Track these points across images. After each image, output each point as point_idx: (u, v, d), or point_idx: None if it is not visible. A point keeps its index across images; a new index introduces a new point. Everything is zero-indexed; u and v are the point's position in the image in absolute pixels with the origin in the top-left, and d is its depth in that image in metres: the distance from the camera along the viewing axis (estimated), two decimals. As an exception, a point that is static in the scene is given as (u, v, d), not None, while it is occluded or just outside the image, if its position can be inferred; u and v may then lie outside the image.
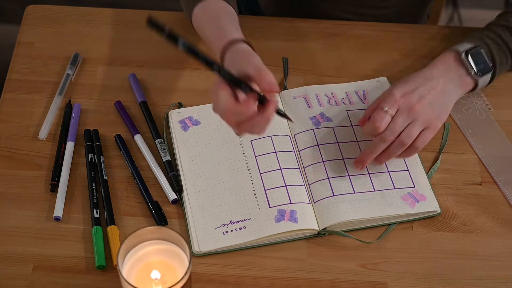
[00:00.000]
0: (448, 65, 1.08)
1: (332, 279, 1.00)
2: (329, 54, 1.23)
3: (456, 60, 1.08)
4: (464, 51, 1.08)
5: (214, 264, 1.00)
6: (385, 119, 1.01)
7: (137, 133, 1.11)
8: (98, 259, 0.99)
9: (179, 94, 1.17)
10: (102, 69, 1.20)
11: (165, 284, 0.89)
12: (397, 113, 1.02)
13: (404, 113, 1.02)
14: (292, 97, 1.16)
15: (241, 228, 1.02)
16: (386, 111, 1.01)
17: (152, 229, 0.91)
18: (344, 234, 1.02)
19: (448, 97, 1.05)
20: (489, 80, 1.10)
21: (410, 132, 1.01)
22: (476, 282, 1.00)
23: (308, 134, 1.11)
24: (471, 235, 1.04)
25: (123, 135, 1.11)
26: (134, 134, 1.11)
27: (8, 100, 1.16)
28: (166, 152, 1.09)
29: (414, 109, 1.02)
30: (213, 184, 1.07)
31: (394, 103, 1.02)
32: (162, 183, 1.06)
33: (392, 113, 1.01)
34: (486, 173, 1.10)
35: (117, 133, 1.11)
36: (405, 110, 1.02)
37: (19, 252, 1.00)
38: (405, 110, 1.02)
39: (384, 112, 1.01)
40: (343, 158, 1.09)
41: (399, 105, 1.02)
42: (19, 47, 1.22)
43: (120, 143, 1.10)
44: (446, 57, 1.09)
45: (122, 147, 1.10)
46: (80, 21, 1.26)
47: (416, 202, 1.05)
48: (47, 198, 1.06)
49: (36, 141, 1.11)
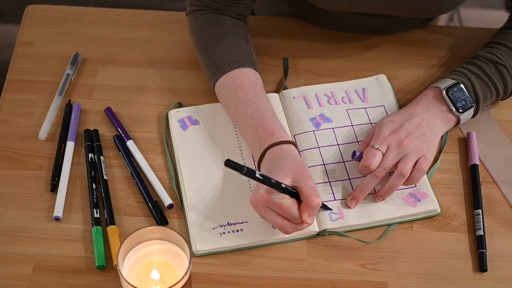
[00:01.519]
0: (430, 102, 1.10)
1: (332, 279, 1.00)
2: (329, 54, 1.23)
3: (437, 97, 1.10)
4: (444, 88, 1.09)
5: (214, 264, 1.00)
6: (376, 156, 1.04)
7: (129, 139, 1.11)
8: (98, 259, 0.99)
9: (179, 94, 1.17)
10: (102, 69, 1.20)
11: (165, 284, 0.89)
12: (388, 150, 1.05)
13: (394, 149, 1.04)
14: (292, 97, 1.16)
15: (238, 230, 1.02)
16: (377, 148, 1.04)
17: (152, 229, 0.91)
18: (344, 234, 1.02)
19: (434, 131, 1.07)
20: (473, 115, 1.12)
21: (405, 162, 1.03)
22: (476, 282, 1.00)
23: (309, 136, 1.11)
24: (471, 235, 1.04)
25: (123, 135, 1.12)
26: (126, 140, 1.11)
27: (8, 100, 1.16)
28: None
29: (403, 145, 1.04)
30: (210, 184, 1.06)
31: (384, 141, 1.05)
32: (157, 189, 1.06)
33: (383, 150, 1.04)
34: (486, 173, 1.10)
35: (116, 134, 1.11)
36: (395, 146, 1.04)
37: (19, 252, 1.00)
38: (394, 146, 1.04)
39: (375, 150, 1.04)
40: (344, 161, 1.09)
41: (388, 142, 1.05)
42: (19, 47, 1.22)
43: (118, 143, 1.10)
44: (428, 94, 1.11)
45: (121, 147, 1.10)
46: (80, 21, 1.26)
47: (418, 201, 1.05)
48: (47, 198, 1.06)
49: (36, 141, 1.11)
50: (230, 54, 1.10)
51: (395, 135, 1.05)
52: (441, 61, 1.23)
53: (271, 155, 1.01)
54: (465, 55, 1.23)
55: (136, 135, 1.12)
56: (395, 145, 1.04)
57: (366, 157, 1.04)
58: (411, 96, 1.18)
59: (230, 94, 1.08)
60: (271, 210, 0.97)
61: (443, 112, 1.09)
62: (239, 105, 1.07)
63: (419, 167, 1.04)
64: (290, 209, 0.96)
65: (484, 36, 1.25)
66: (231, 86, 1.08)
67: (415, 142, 1.05)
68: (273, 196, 0.95)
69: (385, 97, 1.16)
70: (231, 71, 1.09)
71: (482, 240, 1.02)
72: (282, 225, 0.97)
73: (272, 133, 1.03)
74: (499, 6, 2.17)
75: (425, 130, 1.06)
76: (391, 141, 1.05)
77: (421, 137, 1.05)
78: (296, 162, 0.99)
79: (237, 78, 1.09)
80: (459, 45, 1.25)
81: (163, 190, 1.06)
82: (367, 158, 1.04)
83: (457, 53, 1.24)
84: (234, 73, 1.09)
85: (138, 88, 1.18)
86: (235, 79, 1.09)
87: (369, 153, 1.04)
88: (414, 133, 1.05)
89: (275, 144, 1.02)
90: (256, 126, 1.04)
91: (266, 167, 1.01)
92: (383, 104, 1.16)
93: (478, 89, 1.10)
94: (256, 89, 1.08)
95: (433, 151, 1.07)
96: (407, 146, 1.04)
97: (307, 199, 0.96)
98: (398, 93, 1.18)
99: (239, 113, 1.07)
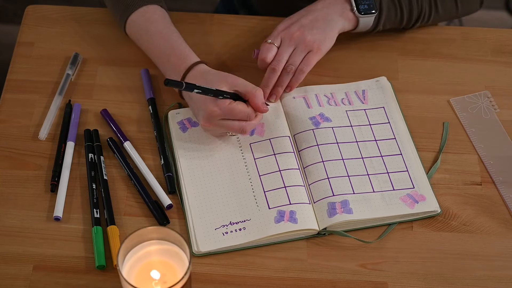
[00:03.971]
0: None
1: (332, 279, 1.00)
2: (329, 55, 1.22)
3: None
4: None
5: (214, 264, 1.00)
6: (271, 50, 1.12)
7: (126, 140, 1.11)
8: (98, 259, 0.99)
9: (179, 94, 1.17)
10: (102, 69, 1.20)
11: (165, 284, 0.89)
12: (281, 43, 1.13)
13: (286, 42, 1.12)
14: (292, 97, 1.16)
15: (240, 229, 1.02)
16: (270, 43, 1.12)
17: (152, 229, 0.91)
18: (344, 234, 1.02)
19: (331, 24, 1.14)
20: (374, 26, 1.18)
21: (292, 59, 1.12)
22: (476, 282, 1.00)
23: (308, 134, 1.11)
24: (471, 235, 1.04)
25: (123, 135, 1.12)
26: (123, 141, 1.11)
27: (8, 100, 1.16)
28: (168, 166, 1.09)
29: (294, 37, 1.12)
30: (212, 185, 1.07)
31: (277, 36, 1.13)
32: (156, 190, 1.06)
33: (277, 44, 1.12)
34: (486, 173, 1.10)
35: (109, 136, 1.11)
36: (287, 40, 1.12)
37: (19, 252, 1.00)
38: (286, 39, 1.12)
39: (269, 44, 1.12)
40: (343, 159, 1.09)
41: (282, 36, 1.13)
42: (19, 47, 1.22)
43: (113, 146, 1.10)
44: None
45: (116, 150, 1.09)
46: (80, 21, 1.26)
47: (416, 203, 1.05)
48: (47, 198, 1.06)
49: (36, 141, 1.11)
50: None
51: (288, 29, 1.13)
52: (441, 61, 1.23)
53: (192, 78, 1.07)
54: (465, 55, 1.23)
55: (136, 135, 1.12)
56: (287, 39, 1.12)
57: (261, 52, 1.12)
58: (411, 97, 1.18)
59: (141, 30, 1.15)
60: (224, 120, 1.04)
61: (345, 9, 1.16)
62: (151, 39, 1.13)
63: (306, 61, 1.12)
64: (242, 109, 1.03)
65: (484, 36, 1.26)
66: (141, 23, 1.15)
67: (307, 34, 1.12)
68: (222, 105, 1.02)
69: (385, 99, 1.16)
70: (139, 9, 1.15)
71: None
72: (240, 126, 1.04)
73: (184, 58, 1.09)
74: (499, 7, 2.17)
75: (320, 24, 1.13)
76: (284, 35, 1.13)
77: (315, 29, 1.12)
78: (218, 73, 1.07)
79: (146, 14, 1.15)
80: (459, 45, 1.25)
81: (162, 191, 1.06)
82: (261, 53, 1.12)
83: (457, 53, 1.24)
84: (142, 10, 1.15)
85: (138, 88, 1.18)
86: (143, 15, 1.15)
87: (263, 48, 1.12)
88: (307, 26, 1.13)
89: (190, 68, 1.08)
90: (169, 56, 1.10)
91: None
92: (383, 105, 1.16)
93: (384, 2, 1.17)
94: (165, 21, 1.15)
95: (328, 42, 1.14)
96: (298, 38, 1.12)
97: (250, 93, 1.03)
98: (398, 93, 1.18)
99: (152, 47, 1.13)
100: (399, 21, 1.20)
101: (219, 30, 1.25)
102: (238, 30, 1.25)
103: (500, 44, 1.25)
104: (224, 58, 1.22)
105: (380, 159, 1.10)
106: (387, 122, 1.14)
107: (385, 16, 1.18)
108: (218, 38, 1.24)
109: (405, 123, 1.14)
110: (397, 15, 1.19)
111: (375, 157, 1.10)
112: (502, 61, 1.23)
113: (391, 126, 1.14)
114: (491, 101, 1.18)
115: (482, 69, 1.22)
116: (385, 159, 1.10)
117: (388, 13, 1.18)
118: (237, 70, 1.18)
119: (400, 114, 1.15)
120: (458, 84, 1.20)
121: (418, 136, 1.14)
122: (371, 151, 1.11)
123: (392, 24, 1.20)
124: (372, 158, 1.10)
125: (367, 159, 1.10)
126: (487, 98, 1.18)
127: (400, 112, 1.16)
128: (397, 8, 1.18)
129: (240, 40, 1.24)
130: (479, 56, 1.24)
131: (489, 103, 1.17)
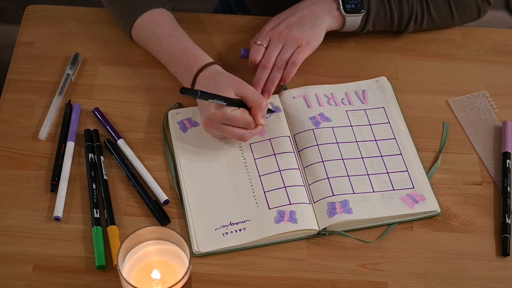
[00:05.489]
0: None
1: (332, 279, 1.00)
2: (329, 55, 1.23)
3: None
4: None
5: (214, 264, 1.00)
6: (259, 51, 1.13)
7: (120, 138, 1.11)
8: (98, 259, 0.99)
9: (179, 94, 1.17)
10: (102, 69, 1.20)
11: (165, 284, 0.89)
12: (270, 42, 1.14)
13: (275, 41, 1.13)
14: (292, 97, 1.16)
15: (240, 230, 1.02)
16: (259, 44, 1.14)
17: (152, 229, 0.91)
18: (344, 234, 1.02)
19: (318, 21, 1.15)
20: (362, 27, 1.18)
21: (282, 55, 1.13)
22: (476, 282, 1.00)
23: (308, 134, 1.11)
24: (471, 235, 1.04)
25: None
26: (117, 139, 1.11)
27: (8, 100, 1.16)
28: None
29: (282, 35, 1.13)
30: (212, 186, 1.07)
31: (266, 36, 1.14)
32: (151, 186, 1.06)
33: (265, 45, 1.14)
34: (486, 173, 1.10)
35: (107, 138, 1.11)
36: (275, 38, 1.13)
37: (19, 252, 1.00)
38: (275, 38, 1.14)
39: (258, 46, 1.14)
40: (343, 159, 1.09)
41: (270, 36, 1.14)
42: (19, 47, 1.22)
43: (111, 147, 1.10)
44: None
45: (113, 151, 1.09)
46: (80, 21, 1.26)
47: (415, 203, 1.05)
48: (47, 198, 1.06)
49: (36, 141, 1.11)
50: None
51: (276, 28, 1.14)
52: (441, 61, 1.23)
53: (203, 79, 1.07)
54: (465, 55, 1.23)
55: (136, 135, 1.12)
56: (276, 37, 1.14)
57: (251, 55, 1.14)
58: (411, 97, 1.18)
59: (149, 34, 1.14)
60: (225, 124, 1.04)
61: (332, 8, 1.16)
62: (160, 42, 1.13)
63: (297, 55, 1.12)
64: (244, 117, 1.03)
65: (484, 36, 1.26)
66: (148, 26, 1.14)
67: (295, 32, 1.13)
68: (225, 111, 1.03)
69: (385, 99, 1.17)
70: (145, 13, 1.14)
71: None
72: (240, 134, 1.04)
73: (197, 59, 1.09)
74: (499, 6, 2.17)
75: (308, 21, 1.14)
76: (272, 34, 1.14)
77: (302, 26, 1.13)
78: (230, 77, 1.06)
79: (152, 18, 1.14)
80: (459, 45, 1.25)
81: (157, 186, 1.06)
82: (251, 55, 1.14)
83: (457, 53, 1.24)
84: (149, 14, 1.15)
85: (138, 88, 1.18)
86: (150, 19, 1.14)
87: (253, 50, 1.14)
88: (295, 23, 1.13)
89: (203, 68, 1.08)
90: (180, 57, 1.11)
91: None
92: (383, 105, 1.16)
93: (373, 2, 1.17)
94: (172, 24, 1.15)
95: (316, 39, 1.14)
96: (286, 35, 1.13)
97: (255, 103, 1.04)
98: (398, 93, 1.18)
99: (161, 50, 1.13)
100: (389, 22, 1.20)
101: (219, 29, 1.26)
102: (238, 30, 1.25)
103: (500, 44, 1.25)
104: (223, 58, 1.22)
105: (380, 159, 1.10)
106: (387, 122, 1.14)
107: (373, 17, 1.18)
108: (218, 38, 1.24)
109: (405, 123, 1.14)
110: (387, 15, 1.18)
111: (375, 157, 1.10)
112: (502, 61, 1.23)
113: (391, 126, 1.14)
114: (489, 101, 1.18)
115: (482, 69, 1.22)
116: (385, 159, 1.10)
117: (377, 14, 1.18)
118: (236, 70, 1.19)
119: (400, 114, 1.15)
120: (458, 84, 1.20)
121: (418, 136, 1.14)
122: (371, 151, 1.11)
123: (382, 25, 1.20)
124: (372, 158, 1.10)
125: (367, 159, 1.10)
126: (485, 98, 1.18)
127: (400, 112, 1.16)
128: (386, 9, 1.18)
129: (239, 39, 1.24)
130: (479, 56, 1.24)
131: (487, 103, 1.17)
